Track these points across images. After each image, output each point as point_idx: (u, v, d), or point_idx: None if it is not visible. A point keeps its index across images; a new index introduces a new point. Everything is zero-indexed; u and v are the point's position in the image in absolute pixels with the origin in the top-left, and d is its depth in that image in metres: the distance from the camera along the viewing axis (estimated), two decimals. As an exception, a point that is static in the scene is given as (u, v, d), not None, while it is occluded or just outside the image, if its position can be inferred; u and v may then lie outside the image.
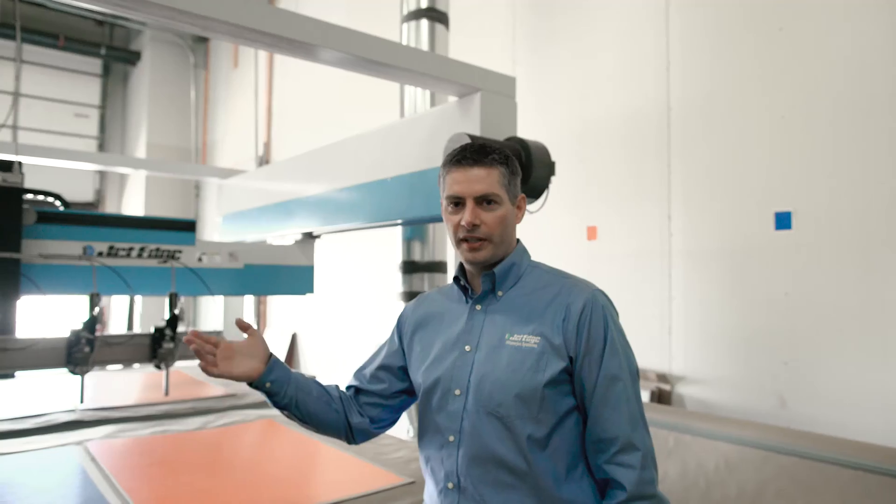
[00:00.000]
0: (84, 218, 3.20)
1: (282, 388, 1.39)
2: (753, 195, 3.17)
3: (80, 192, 10.41)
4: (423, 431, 1.39)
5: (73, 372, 2.75)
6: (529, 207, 2.54)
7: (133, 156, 9.80)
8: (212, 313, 9.06)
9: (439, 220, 2.73)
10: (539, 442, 1.25)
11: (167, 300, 3.09)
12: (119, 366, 3.85)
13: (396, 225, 3.27)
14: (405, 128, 2.83)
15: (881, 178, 2.73)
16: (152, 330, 3.02)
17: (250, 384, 1.37)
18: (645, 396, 3.32)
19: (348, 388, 1.53)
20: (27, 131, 8.76)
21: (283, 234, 3.85)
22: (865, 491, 2.05)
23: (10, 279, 2.75)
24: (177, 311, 3.03)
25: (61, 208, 3.72)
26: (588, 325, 1.27)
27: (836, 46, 2.89)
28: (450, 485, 1.29)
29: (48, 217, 3.01)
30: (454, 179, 1.34)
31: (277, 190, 3.84)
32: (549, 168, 2.38)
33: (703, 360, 3.34)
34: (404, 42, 3.74)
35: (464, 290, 1.42)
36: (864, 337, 2.73)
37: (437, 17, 3.72)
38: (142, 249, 3.23)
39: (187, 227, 3.44)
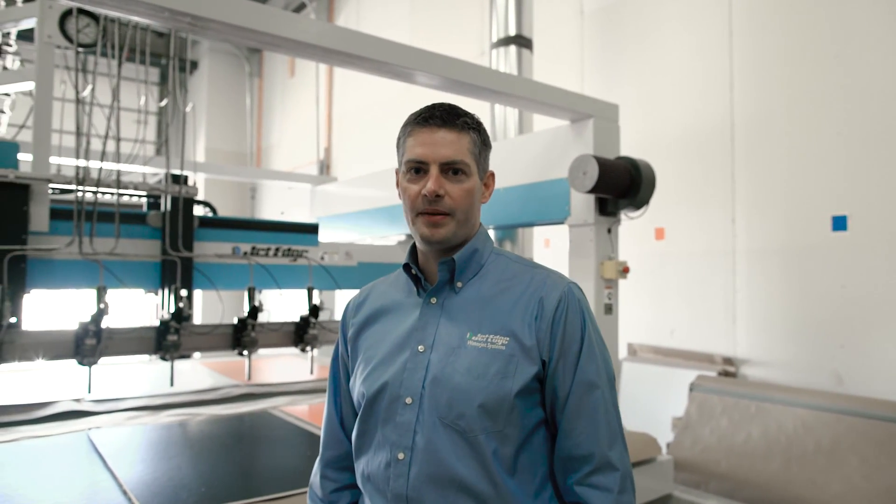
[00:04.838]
0: (232, 223, 3.73)
1: None
2: (812, 200, 3.63)
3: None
4: (364, 445, 1.17)
5: (240, 354, 3.27)
6: (630, 214, 3.03)
7: (191, 160, 10.36)
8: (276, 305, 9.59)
9: (552, 223, 3.21)
10: (506, 461, 1.07)
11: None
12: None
13: (503, 228, 3.79)
14: (520, 144, 3.32)
15: (928, 187, 3.19)
16: (298, 319, 3.54)
17: None
18: (712, 375, 3.81)
19: (331, 493, 1.28)
20: (95, 137, 9.32)
21: (387, 236, 4.36)
22: (925, 443, 2.53)
23: (187, 275, 3.29)
24: (317, 303, 3.54)
25: (211, 215, 4.26)
26: (563, 324, 1.11)
27: (886, 72, 3.35)
28: None
29: (206, 222, 3.54)
30: (418, 141, 1.15)
31: (382, 196, 4.35)
32: (654, 184, 2.85)
33: (765, 345, 3.81)
34: (493, 65, 4.24)
35: (415, 279, 1.20)
36: (913, 323, 3.20)
37: (523, 43, 4.21)
38: (277, 249, 3.75)
39: (312, 230, 3.96)
